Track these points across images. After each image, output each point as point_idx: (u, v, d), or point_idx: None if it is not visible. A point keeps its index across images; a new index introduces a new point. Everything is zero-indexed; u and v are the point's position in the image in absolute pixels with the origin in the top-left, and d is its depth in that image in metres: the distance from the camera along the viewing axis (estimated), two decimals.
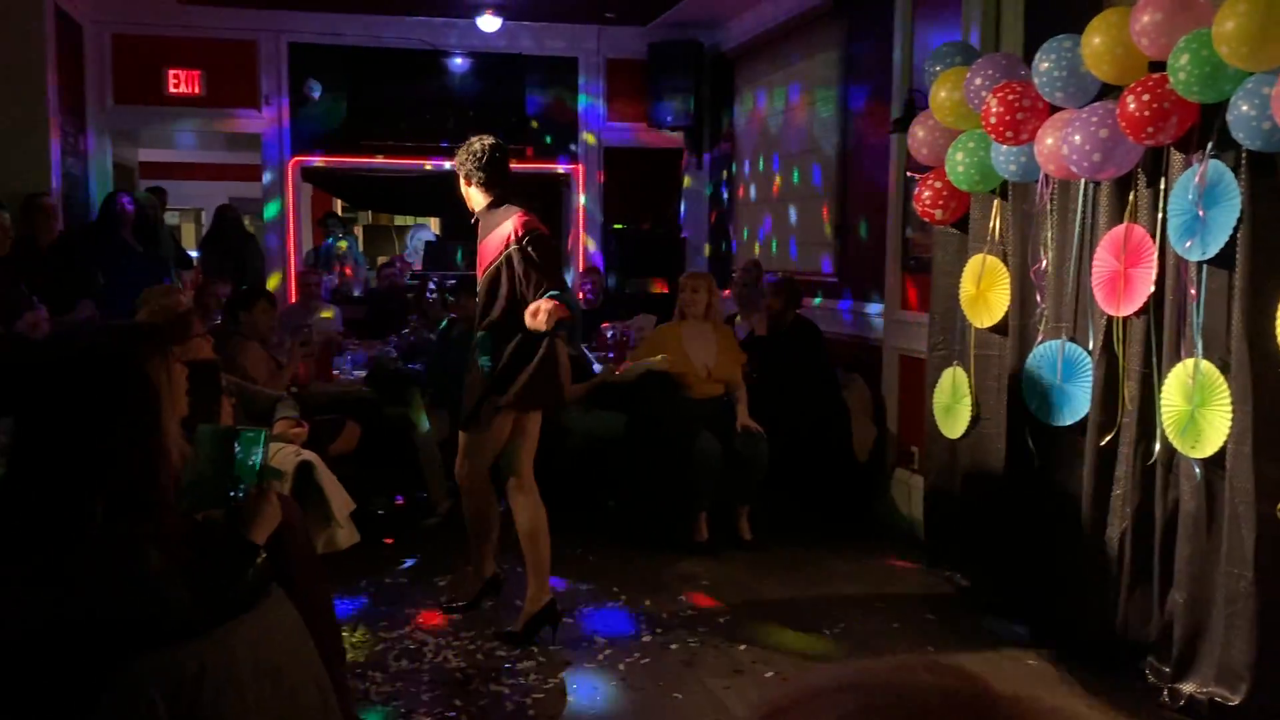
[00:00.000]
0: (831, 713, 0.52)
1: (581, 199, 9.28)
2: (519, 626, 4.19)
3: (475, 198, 4.24)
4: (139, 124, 8.52)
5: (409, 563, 5.21)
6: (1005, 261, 4.53)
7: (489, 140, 4.27)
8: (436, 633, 4.30)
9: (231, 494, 2.32)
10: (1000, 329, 4.58)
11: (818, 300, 6.88)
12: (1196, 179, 3.47)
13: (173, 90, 8.29)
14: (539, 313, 3.86)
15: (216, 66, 8.34)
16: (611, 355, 6.82)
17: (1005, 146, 4.24)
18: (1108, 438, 3.95)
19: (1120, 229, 3.84)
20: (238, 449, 2.33)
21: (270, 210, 8.67)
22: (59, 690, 1.91)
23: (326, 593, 2.94)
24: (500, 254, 4.10)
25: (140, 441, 2.06)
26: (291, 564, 2.51)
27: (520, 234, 4.09)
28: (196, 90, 8.33)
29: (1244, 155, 3.35)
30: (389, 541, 5.48)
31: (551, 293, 3.94)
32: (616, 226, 9.46)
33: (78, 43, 7.84)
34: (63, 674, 1.90)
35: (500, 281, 4.11)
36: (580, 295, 7.67)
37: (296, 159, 8.63)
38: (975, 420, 4.74)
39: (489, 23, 8.23)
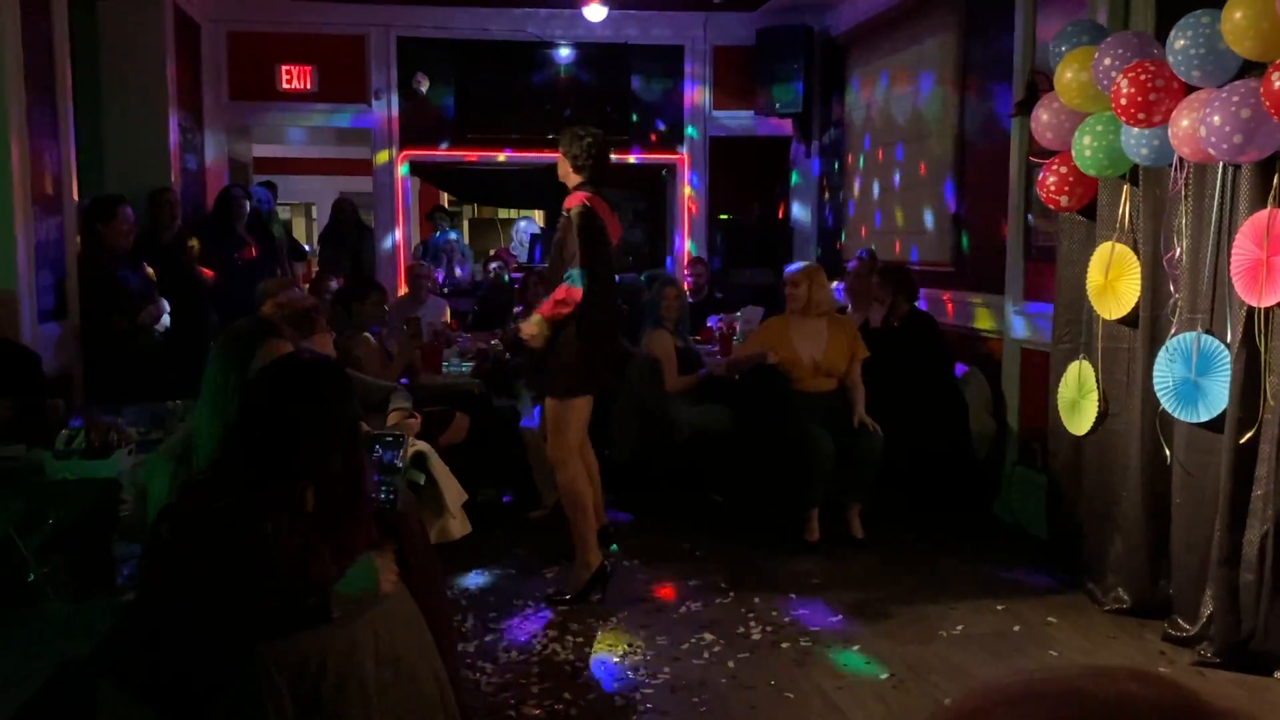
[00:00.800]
0: (1035, 715, 0.50)
1: (687, 189, 9.28)
2: (572, 592, 4.59)
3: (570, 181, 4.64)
4: (253, 119, 8.81)
5: (516, 554, 5.28)
6: (1135, 250, 4.39)
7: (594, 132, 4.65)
8: (545, 625, 4.36)
9: (373, 495, 2.44)
10: (1130, 320, 4.44)
11: (932, 292, 6.76)
12: None
13: (285, 86, 8.55)
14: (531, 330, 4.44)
15: (327, 62, 8.58)
16: (718, 348, 6.82)
17: (1137, 129, 4.10)
18: (1247, 435, 3.80)
19: (1262, 214, 3.68)
20: (379, 450, 2.45)
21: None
22: (192, 673, 1.99)
23: (442, 583, 3.00)
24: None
25: (348, 441, 2.26)
26: (408, 554, 2.56)
27: (567, 207, 4.48)
28: (308, 85, 8.57)
29: None
30: (497, 533, 5.57)
31: (571, 273, 4.33)
32: (723, 217, 9.44)
33: (195, 41, 8.14)
34: (198, 657, 1.98)
35: (559, 258, 4.50)
36: (686, 286, 7.67)
37: (405, 153, 8.81)
38: (1103, 416, 4.61)
39: (595, 12, 8.27)
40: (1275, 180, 3.68)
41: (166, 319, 5.91)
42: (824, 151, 9.06)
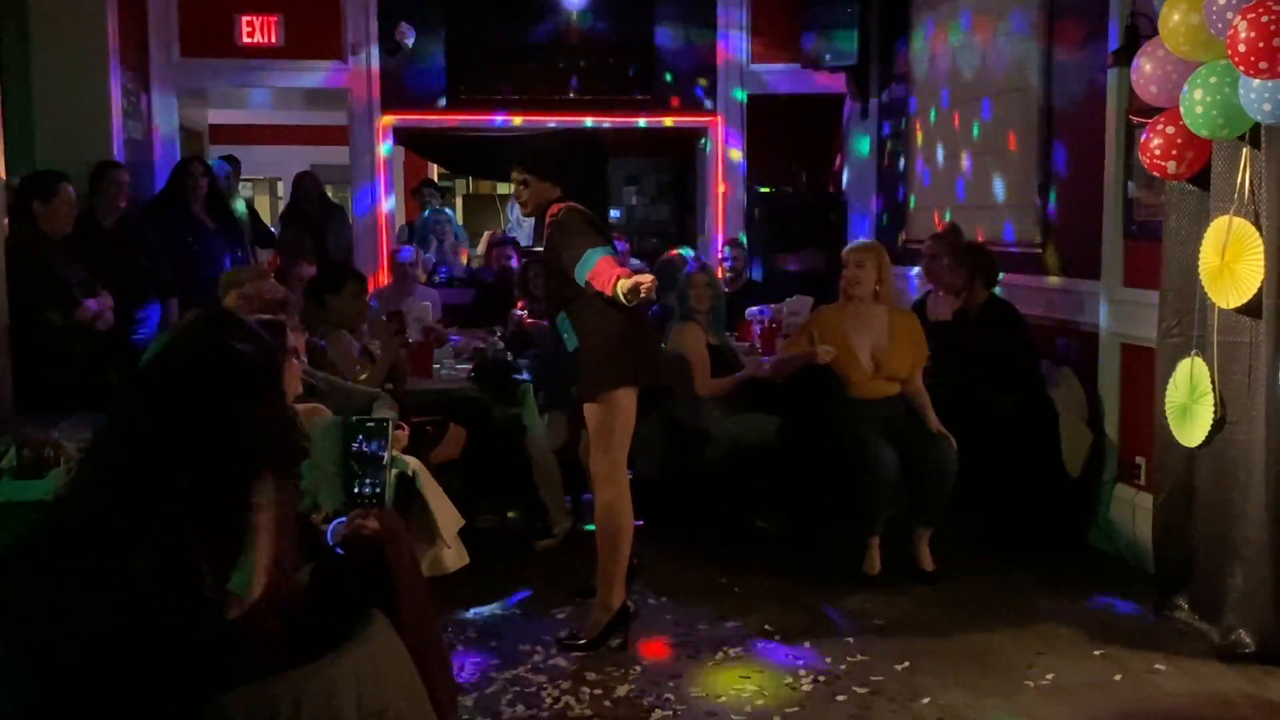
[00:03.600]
0: None
1: (721, 157, 9.30)
2: (589, 636, 4.59)
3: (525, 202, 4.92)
4: (209, 80, 8.87)
5: (523, 592, 5.30)
6: (1257, 225, 4.38)
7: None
8: (556, 673, 4.37)
9: (355, 490, 2.48)
10: (1252, 309, 4.42)
11: (1009, 276, 6.75)
12: None
13: (246, 40, 8.60)
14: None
15: (296, 11, 8.63)
16: (759, 345, 6.83)
17: (1258, 81, 4.09)
18: None
19: None
20: (360, 440, 2.49)
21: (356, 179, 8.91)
22: None
23: (435, 624, 3.02)
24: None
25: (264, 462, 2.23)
26: (396, 588, 2.58)
27: (552, 214, 4.66)
28: (273, 39, 8.63)
29: None
30: (499, 565, 5.59)
31: (589, 254, 4.40)
32: (764, 190, 9.46)
33: None
34: (155, 710, 2.01)
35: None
36: (720, 273, 7.68)
37: (387, 117, 8.86)
38: (1219, 424, 4.60)
39: None
40: None
41: (110, 315, 5.96)
42: (884, 112, 9.06)
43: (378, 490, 2.67)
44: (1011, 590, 5.23)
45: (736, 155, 9.32)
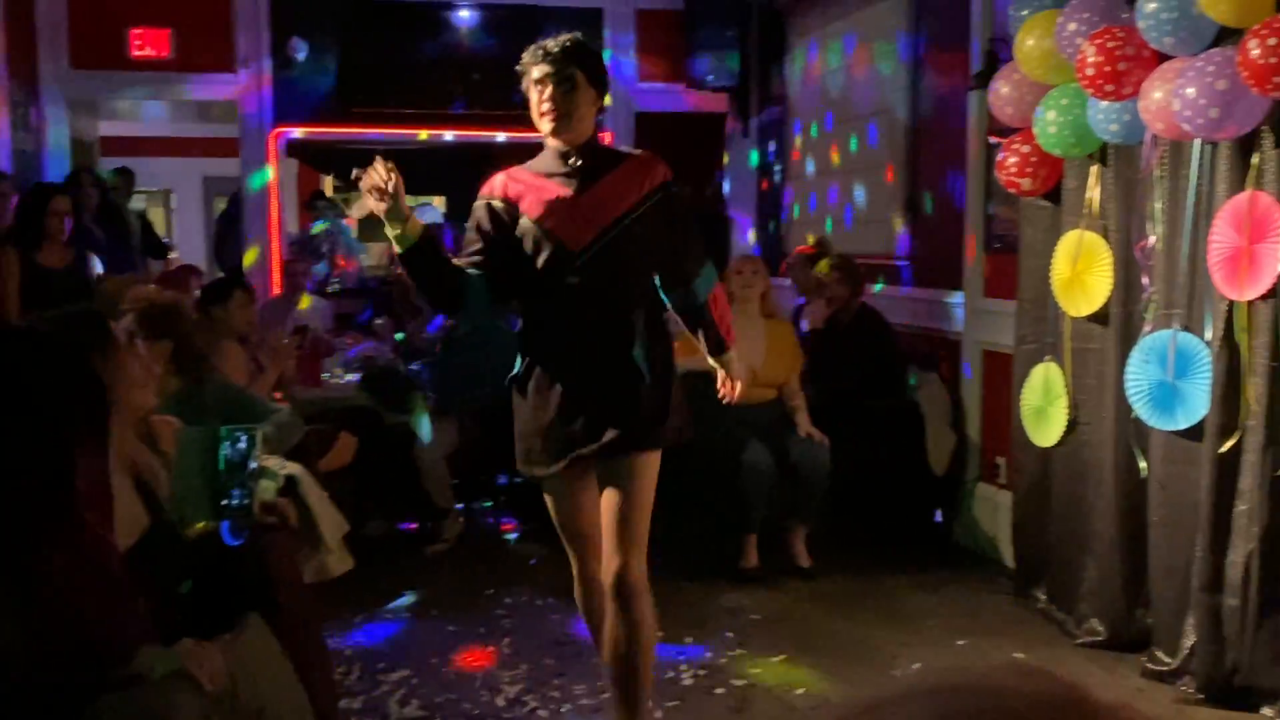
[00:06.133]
0: (929, 713, 0.53)
1: None
2: None
3: (586, 119, 3.34)
4: (100, 92, 8.63)
5: (410, 597, 5.23)
6: (1106, 238, 4.49)
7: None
8: (445, 674, 4.32)
9: (223, 501, 2.37)
10: (1101, 318, 4.54)
11: (880, 287, 6.85)
12: None
13: (137, 53, 8.37)
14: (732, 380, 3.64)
15: (187, 25, 8.42)
16: None
17: (1105, 103, 4.20)
18: (1229, 444, 3.90)
19: (1243, 197, 3.80)
20: (225, 450, 2.39)
21: (254, 185, 8.73)
22: None
23: (317, 626, 2.96)
24: (638, 203, 3.28)
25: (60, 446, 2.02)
26: (275, 591, 2.52)
27: (670, 177, 3.38)
28: (164, 53, 8.41)
29: None
30: (389, 572, 5.50)
31: (708, 270, 3.46)
32: None
33: (28, 0, 7.94)
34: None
35: (642, 247, 3.32)
36: None
37: (279, 130, 8.70)
38: (1072, 425, 4.70)
39: None
40: (1256, 160, 3.79)
41: None
42: (763, 131, 9.14)
43: (246, 502, 2.52)
44: (881, 584, 5.30)
45: None
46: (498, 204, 3.35)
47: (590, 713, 3.98)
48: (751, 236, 9.29)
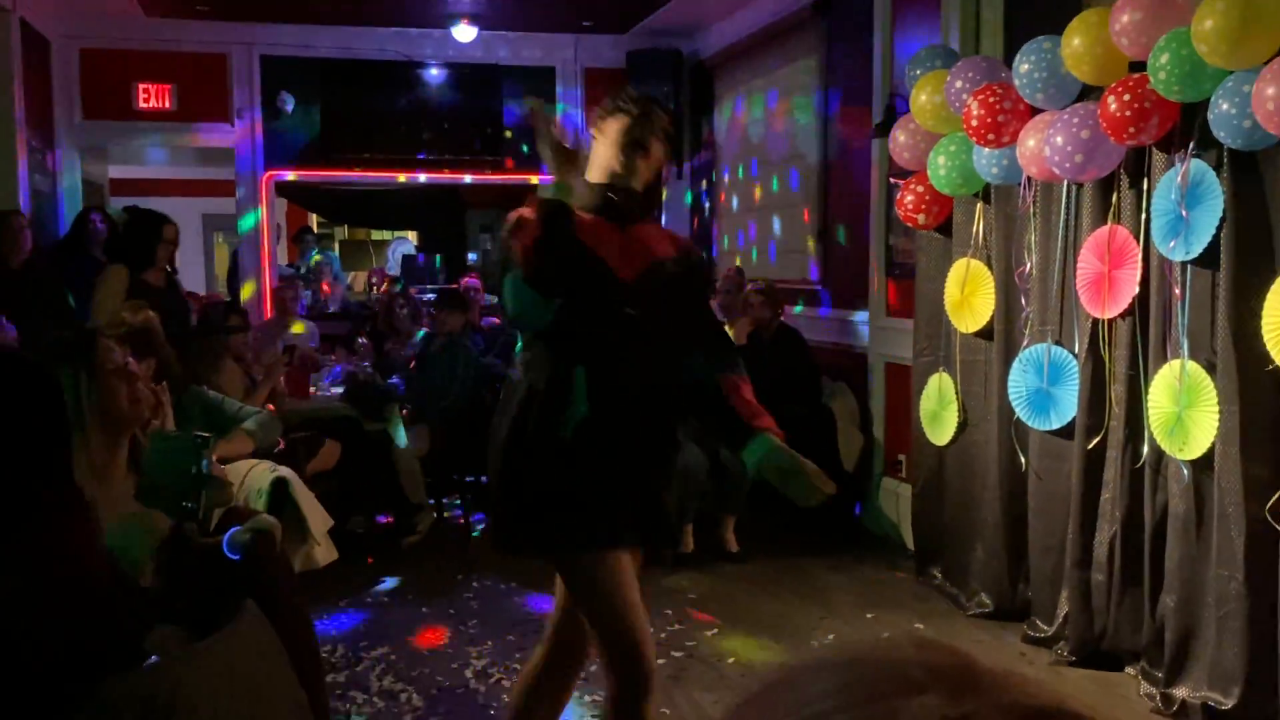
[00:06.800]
0: (815, 688, 0.53)
1: None
2: None
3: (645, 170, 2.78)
4: (108, 139, 8.49)
5: (389, 582, 5.17)
6: (989, 265, 4.55)
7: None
8: (420, 650, 4.27)
9: (185, 504, 2.31)
10: (985, 334, 4.59)
11: (799, 308, 6.89)
12: (1179, 179, 3.50)
13: (143, 105, 8.26)
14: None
15: (187, 80, 8.32)
16: None
17: (987, 149, 4.26)
18: (1095, 441, 3.97)
19: (1104, 230, 3.86)
20: (171, 455, 2.32)
21: (244, 225, 8.63)
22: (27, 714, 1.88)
23: (305, 611, 2.91)
24: (673, 256, 2.76)
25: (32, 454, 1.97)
26: (268, 581, 2.48)
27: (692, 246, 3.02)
28: (167, 105, 8.30)
29: (1225, 154, 3.38)
30: (369, 561, 5.44)
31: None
32: None
33: (46, 58, 7.81)
34: (29, 697, 1.87)
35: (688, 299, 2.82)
36: None
37: (270, 173, 8.60)
38: (962, 426, 4.75)
39: (464, 33, 8.23)
40: (1114, 198, 3.86)
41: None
42: (694, 172, 9.18)
43: (192, 506, 2.38)
44: (800, 566, 5.32)
45: None
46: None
47: None
48: None
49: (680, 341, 2.76)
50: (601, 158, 2.76)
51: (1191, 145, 3.48)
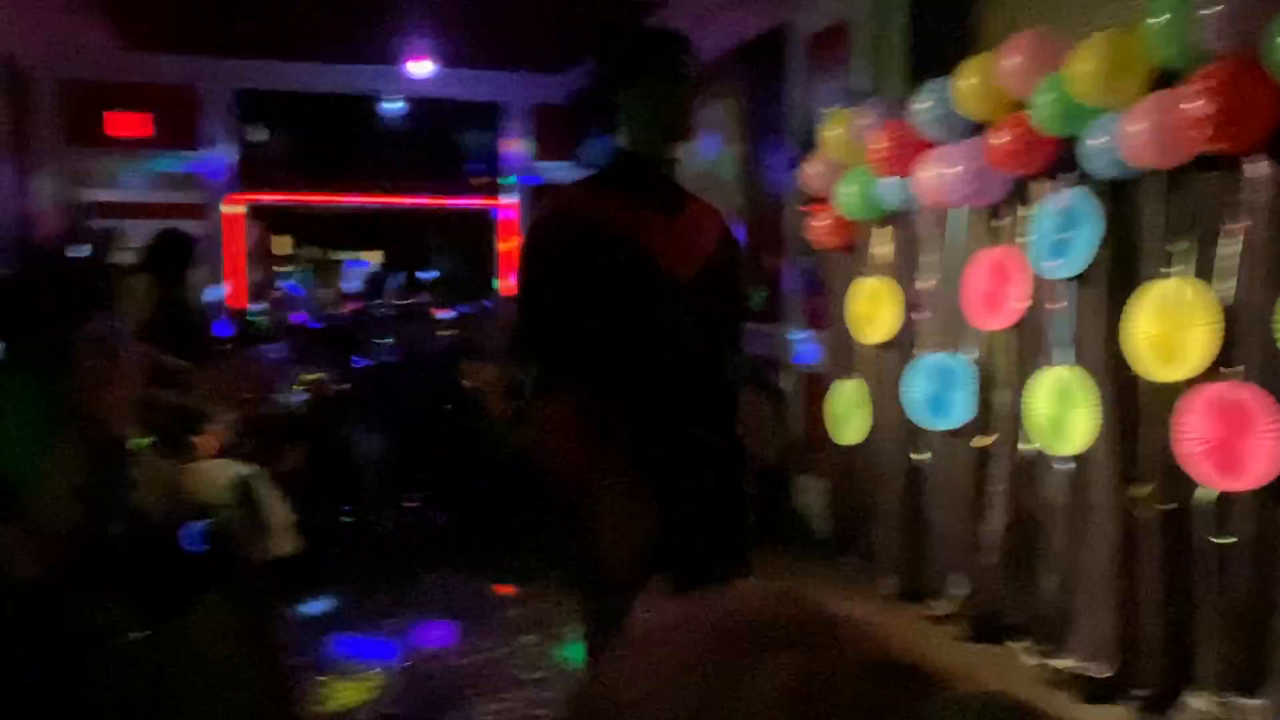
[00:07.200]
0: (687, 640, 0.53)
1: (512, 236, 9.29)
2: None
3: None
4: (86, 166, 8.35)
5: (350, 573, 5.12)
6: (892, 283, 4.62)
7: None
8: (382, 636, 4.24)
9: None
10: (888, 345, 4.67)
11: None
12: (1058, 205, 3.60)
13: (118, 133, 8.14)
14: None
15: (160, 110, 8.22)
16: None
17: (889, 179, 4.34)
18: (986, 440, 4.05)
19: (992, 251, 3.96)
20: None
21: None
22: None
23: (269, 601, 2.89)
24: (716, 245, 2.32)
25: None
26: (230, 573, 2.46)
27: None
28: (144, 132, 8.18)
29: (1099, 183, 3.49)
30: (336, 553, 5.38)
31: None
32: None
33: (24, 90, 7.64)
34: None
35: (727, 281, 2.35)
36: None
37: (239, 196, 8.50)
38: (870, 428, 4.82)
39: (420, 68, 8.22)
40: (1002, 222, 3.96)
41: None
42: None
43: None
44: None
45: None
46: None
47: (500, 661, 3.94)
48: None
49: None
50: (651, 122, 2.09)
51: (1069, 175, 3.58)
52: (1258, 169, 2.99)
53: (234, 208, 8.46)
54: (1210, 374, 3.13)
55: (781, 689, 0.48)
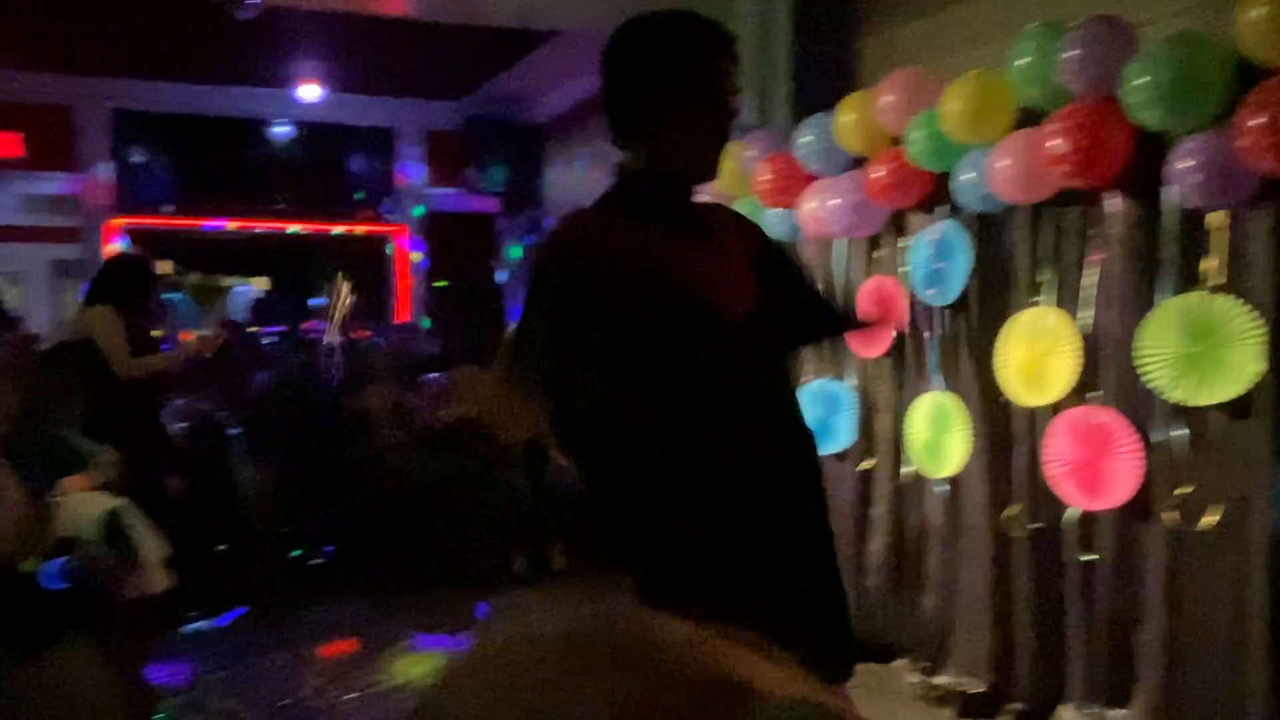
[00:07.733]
0: (511, 660, 0.53)
1: (403, 259, 9.18)
2: None
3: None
4: None
5: (232, 609, 4.95)
6: None
7: None
8: (261, 674, 4.10)
9: None
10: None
11: None
12: (933, 236, 3.72)
13: None
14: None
15: (36, 130, 7.88)
16: (430, 405, 6.72)
17: (774, 210, 4.43)
18: (867, 463, 4.15)
19: (872, 281, 4.07)
20: None
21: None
22: None
23: (136, 637, 2.77)
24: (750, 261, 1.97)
25: None
26: (95, 609, 2.35)
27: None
28: (16, 153, 7.83)
29: (970, 215, 3.62)
30: (212, 587, 5.19)
31: None
32: (439, 284, 9.38)
33: None
34: None
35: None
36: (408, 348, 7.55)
37: (119, 220, 8.20)
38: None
39: (310, 92, 8.08)
40: (880, 253, 4.08)
41: None
42: (528, 226, 9.23)
43: None
44: (624, 579, 5.35)
45: (417, 257, 9.22)
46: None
47: (378, 698, 3.86)
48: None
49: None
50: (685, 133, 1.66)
51: (943, 208, 3.71)
52: (1114, 204, 3.16)
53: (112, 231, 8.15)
54: (1074, 398, 3.27)
55: (599, 713, 0.48)
